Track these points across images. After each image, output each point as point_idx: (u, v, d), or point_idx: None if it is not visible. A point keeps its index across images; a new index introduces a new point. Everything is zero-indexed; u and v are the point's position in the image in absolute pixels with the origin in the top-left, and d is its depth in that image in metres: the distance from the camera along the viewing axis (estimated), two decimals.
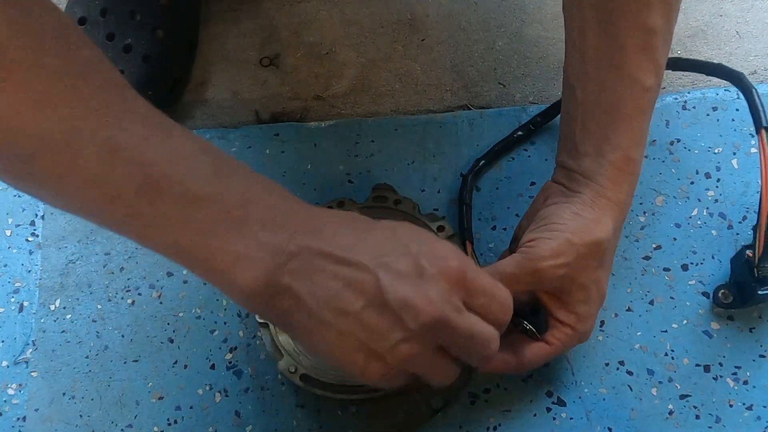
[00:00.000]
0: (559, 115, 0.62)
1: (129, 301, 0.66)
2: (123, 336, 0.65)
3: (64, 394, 0.63)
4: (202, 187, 0.43)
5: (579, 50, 0.55)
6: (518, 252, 0.54)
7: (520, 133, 0.69)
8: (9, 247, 0.69)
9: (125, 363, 0.64)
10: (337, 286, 0.44)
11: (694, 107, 0.70)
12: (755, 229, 0.62)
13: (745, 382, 0.61)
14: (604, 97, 0.54)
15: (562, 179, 0.57)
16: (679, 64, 0.67)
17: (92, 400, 0.63)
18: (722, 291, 0.62)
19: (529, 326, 0.55)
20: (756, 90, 0.61)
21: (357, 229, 0.47)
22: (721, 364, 0.61)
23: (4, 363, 0.65)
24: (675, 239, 0.65)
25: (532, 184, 0.68)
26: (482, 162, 0.68)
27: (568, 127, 0.57)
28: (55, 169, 0.41)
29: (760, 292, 0.59)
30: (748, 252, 0.59)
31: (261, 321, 0.60)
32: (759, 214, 0.59)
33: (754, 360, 0.61)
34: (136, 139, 0.42)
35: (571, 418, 0.60)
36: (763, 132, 0.59)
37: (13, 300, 0.67)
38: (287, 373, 0.59)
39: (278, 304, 0.45)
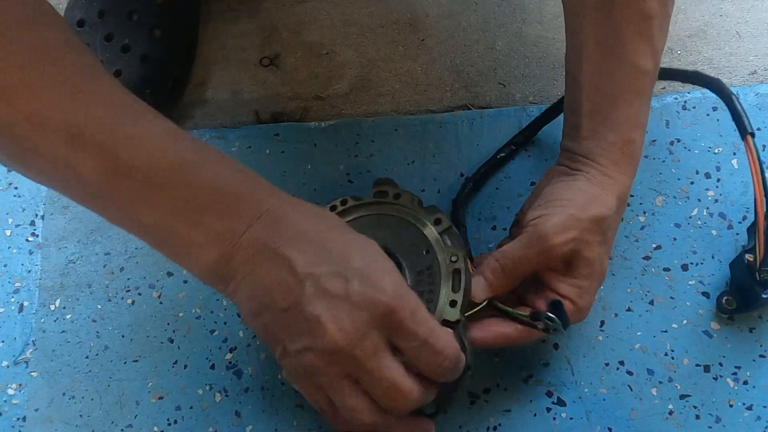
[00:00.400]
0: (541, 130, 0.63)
1: (129, 301, 0.66)
2: (123, 336, 0.65)
3: (64, 394, 0.63)
4: (164, 175, 0.44)
5: (577, 37, 0.56)
6: (524, 232, 0.55)
7: (502, 154, 0.68)
8: (9, 247, 0.69)
9: (125, 363, 0.64)
10: (270, 284, 0.46)
11: (694, 107, 0.70)
12: (750, 230, 0.62)
13: (745, 382, 0.61)
14: (602, 81, 0.55)
15: (565, 161, 0.58)
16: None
17: (92, 400, 0.63)
18: (726, 298, 0.62)
19: (554, 317, 0.53)
20: (736, 96, 0.61)
21: (314, 233, 0.47)
22: (721, 364, 0.61)
23: (4, 363, 0.65)
24: (675, 239, 0.65)
25: (532, 184, 0.68)
26: (469, 185, 0.67)
27: (570, 112, 0.58)
28: (19, 152, 0.44)
29: (764, 296, 0.58)
30: (748, 256, 0.59)
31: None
32: (755, 218, 0.58)
33: (754, 360, 0.61)
34: (101, 125, 0.43)
35: (571, 418, 0.61)
36: (749, 138, 0.58)
37: (13, 300, 0.67)
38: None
39: (225, 287, 0.48)
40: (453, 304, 0.55)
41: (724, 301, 0.62)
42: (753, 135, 0.59)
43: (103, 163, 0.43)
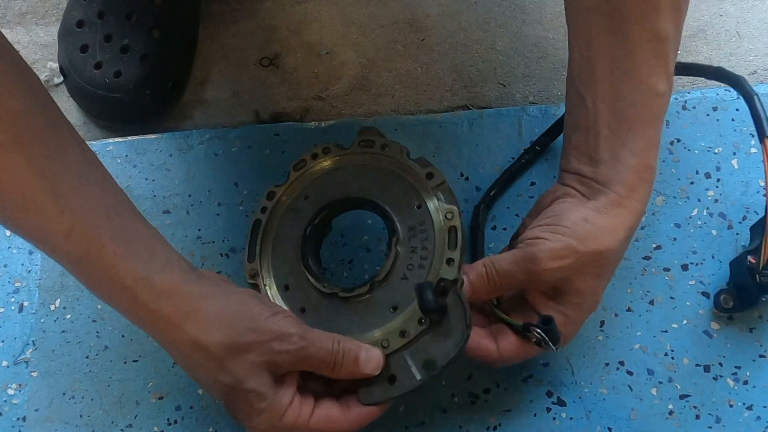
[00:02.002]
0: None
1: None
2: (123, 336, 0.65)
3: (64, 394, 0.63)
4: (72, 267, 0.50)
5: (587, 58, 0.54)
6: (518, 247, 0.54)
7: (527, 157, 0.68)
8: (9, 247, 0.69)
9: (125, 363, 0.64)
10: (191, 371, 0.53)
11: (694, 107, 0.70)
12: (753, 230, 0.62)
13: (745, 382, 0.61)
14: (618, 104, 0.54)
15: (575, 185, 0.55)
16: (678, 69, 0.67)
17: (92, 400, 0.63)
18: (723, 296, 0.62)
19: (543, 335, 0.52)
20: (758, 96, 0.60)
21: (196, 372, 0.52)
22: (721, 364, 0.61)
23: (4, 363, 0.65)
24: (675, 239, 0.65)
25: (532, 184, 0.68)
26: (493, 192, 0.67)
27: (578, 135, 0.56)
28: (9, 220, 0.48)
29: (762, 299, 0.58)
30: (751, 258, 0.59)
31: None
32: (765, 219, 0.58)
33: (754, 360, 0.61)
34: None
35: (571, 418, 0.61)
36: (767, 141, 0.58)
37: (13, 300, 0.67)
38: None
39: None
40: (450, 262, 0.54)
41: (721, 299, 0.62)
42: None
43: (73, 256, 0.49)
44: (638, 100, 0.53)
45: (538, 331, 0.52)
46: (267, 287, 0.58)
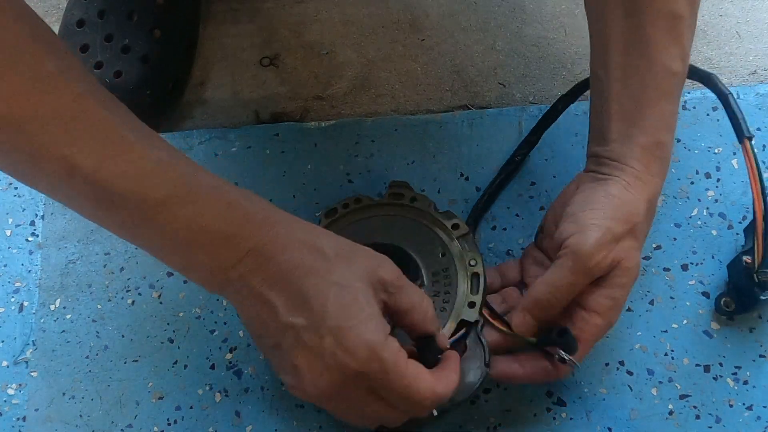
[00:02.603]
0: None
1: (129, 301, 0.66)
2: (123, 336, 0.65)
3: (64, 394, 0.63)
4: (153, 210, 0.46)
5: (603, 39, 0.55)
6: (562, 255, 0.53)
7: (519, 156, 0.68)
8: (9, 247, 0.69)
9: (125, 363, 0.64)
10: (256, 322, 0.50)
11: (694, 107, 0.70)
12: (747, 232, 0.62)
13: (745, 382, 0.61)
14: (630, 83, 0.54)
15: (593, 166, 0.56)
16: None
17: (92, 400, 0.63)
18: (724, 299, 0.62)
19: (567, 356, 0.53)
20: (731, 95, 0.60)
21: (296, 276, 0.48)
22: (721, 364, 0.61)
23: (4, 363, 0.65)
24: (675, 239, 0.65)
25: (532, 184, 0.68)
26: (486, 197, 0.67)
27: (596, 116, 0.57)
28: (24, 177, 0.47)
29: (762, 297, 0.58)
30: (746, 258, 0.59)
31: None
32: (754, 220, 0.58)
33: (754, 360, 0.61)
34: (92, 158, 0.44)
35: (571, 418, 0.60)
36: (747, 142, 0.58)
37: (13, 300, 0.67)
38: None
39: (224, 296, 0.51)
40: (472, 305, 0.57)
41: (722, 302, 0.62)
42: (750, 139, 0.58)
43: (97, 196, 0.45)
44: (650, 77, 0.53)
45: (561, 351, 0.53)
46: None
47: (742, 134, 0.59)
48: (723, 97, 0.60)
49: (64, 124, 0.43)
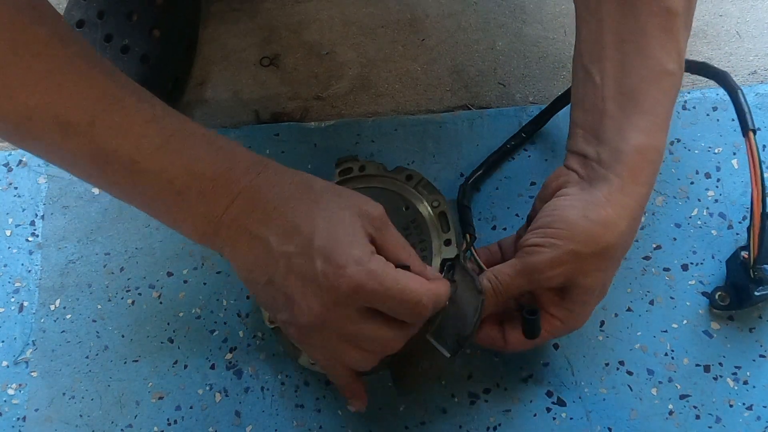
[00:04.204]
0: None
1: (129, 301, 0.66)
2: (123, 336, 0.65)
3: (64, 394, 0.63)
4: (146, 161, 0.47)
5: (595, 34, 0.54)
6: (517, 257, 0.54)
7: (512, 142, 0.69)
8: (9, 247, 0.69)
9: (125, 363, 0.64)
10: (249, 262, 0.49)
11: (694, 107, 0.70)
12: (749, 230, 0.62)
13: (745, 382, 0.61)
14: (626, 80, 0.53)
15: (577, 166, 0.54)
16: None
17: (92, 400, 0.63)
18: (719, 293, 0.62)
19: (526, 316, 0.55)
20: (741, 91, 0.60)
21: (286, 208, 0.49)
22: (721, 364, 0.61)
23: (4, 363, 0.65)
24: (675, 239, 0.65)
25: (532, 184, 0.68)
26: (479, 172, 0.68)
27: (584, 113, 0.55)
28: (21, 139, 0.48)
29: (756, 293, 0.59)
30: (744, 253, 0.59)
31: (273, 326, 0.59)
32: (751, 215, 0.58)
33: (754, 360, 0.61)
34: (86, 115, 0.45)
35: (571, 418, 0.60)
36: (751, 135, 0.58)
37: (13, 300, 0.67)
38: (310, 366, 0.58)
39: (220, 253, 0.51)
40: (448, 242, 0.59)
41: (717, 296, 0.62)
42: (755, 132, 0.58)
43: (90, 151, 0.46)
44: (646, 75, 0.52)
45: (524, 312, 0.55)
46: None
47: (746, 126, 0.58)
48: (734, 93, 0.60)
49: (56, 86, 0.44)
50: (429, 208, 0.60)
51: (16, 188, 0.71)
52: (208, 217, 0.48)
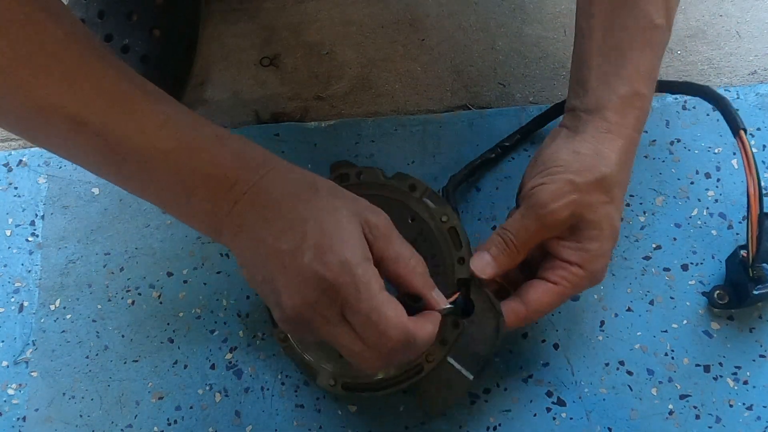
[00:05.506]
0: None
1: (129, 301, 0.66)
2: (123, 336, 0.65)
3: (64, 394, 0.63)
4: (156, 161, 0.48)
5: None
6: (521, 204, 0.54)
7: (493, 155, 0.68)
8: (9, 247, 0.69)
9: (125, 363, 0.64)
10: (249, 260, 0.50)
11: (694, 107, 0.70)
12: (747, 228, 0.62)
13: (745, 382, 0.61)
14: (613, 33, 0.54)
15: (567, 121, 0.57)
16: None
17: (92, 400, 0.63)
18: (718, 291, 0.62)
19: (450, 307, 0.52)
20: (726, 98, 0.61)
21: (288, 208, 0.49)
22: (721, 364, 0.61)
23: (4, 363, 0.65)
24: (675, 239, 0.65)
25: None
26: (459, 179, 0.66)
27: (577, 67, 0.57)
28: (30, 134, 0.49)
29: (755, 292, 0.59)
30: (743, 252, 0.59)
31: (284, 345, 0.58)
32: (748, 214, 0.59)
33: (754, 360, 0.61)
34: (100, 115, 0.46)
35: (571, 418, 0.61)
36: (742, 134, 0.58)
37: (13, 300, 0.67)
38: (328, 388, 0.57)
39: (225, 246, 0.52)
40: (461, 261, 0.56)
41: (716, 295, 0.62)
42: (745, 131, 0.59)
43: (103, 150, 0.47)
44: (632, 26, 0.54)
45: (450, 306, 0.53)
46: None
47: (737, 126, 0.59)
48: (722, 101, 0.61)
49: (70, 86, 0.45)
50: (438, 222, 0.57)
51: (16, 188, 0.71)
52: (213, 215, 0.49)
